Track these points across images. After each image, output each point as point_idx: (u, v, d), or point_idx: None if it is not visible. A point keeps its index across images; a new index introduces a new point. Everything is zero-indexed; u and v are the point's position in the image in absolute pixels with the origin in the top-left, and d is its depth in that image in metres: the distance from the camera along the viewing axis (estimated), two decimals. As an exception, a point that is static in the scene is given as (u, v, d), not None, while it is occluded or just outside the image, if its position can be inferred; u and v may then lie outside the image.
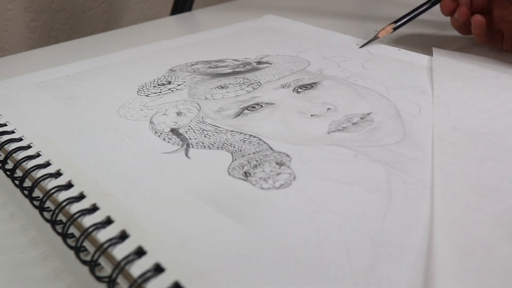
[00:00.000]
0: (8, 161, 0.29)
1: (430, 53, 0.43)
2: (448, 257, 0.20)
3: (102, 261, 0.21)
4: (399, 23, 0.46)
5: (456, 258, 0.20)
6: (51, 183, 0.25)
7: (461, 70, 0.38)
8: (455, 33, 0.45)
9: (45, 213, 0.25)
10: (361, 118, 0.31)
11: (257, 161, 0.27)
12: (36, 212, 0.25)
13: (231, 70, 0.40)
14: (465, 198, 0.24)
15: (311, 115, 0.32)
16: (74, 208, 0.23)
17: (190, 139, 0.30)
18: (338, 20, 0.57)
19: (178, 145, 0.29)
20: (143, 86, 0.38)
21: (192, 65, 0.42)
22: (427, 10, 0.46)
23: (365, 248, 0.21)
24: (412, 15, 0.46)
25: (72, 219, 0.23)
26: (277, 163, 0.27)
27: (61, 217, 0.24)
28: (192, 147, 0.29)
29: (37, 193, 0.26)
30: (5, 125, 0.32)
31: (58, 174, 0.26)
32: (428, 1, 0.46)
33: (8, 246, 0.25)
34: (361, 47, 0.44)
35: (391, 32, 0.46)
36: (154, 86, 0.37)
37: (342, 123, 0.31)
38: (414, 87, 0.36)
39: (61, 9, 0.68)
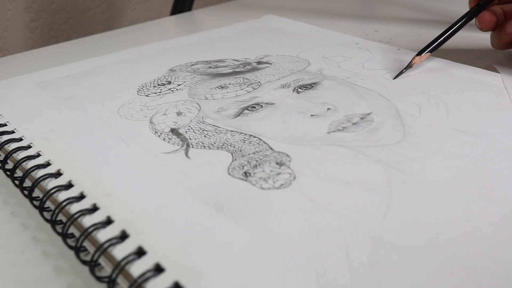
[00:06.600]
0: (8, 161, 0.29)
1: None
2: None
3: (102, 261, 0.21)
4: (432, 46, 0.39)
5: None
6: (51, 183, 0.25)
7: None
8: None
9: (45, 213, 0.25)
10: (361, 118, 0.31)
11: (257, 161, 0.27)
12: (37, 211, 0.25)
13: (231, 70, 0.40)
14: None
15: (311, 115, 0.32)
16: (74, 208, 0.23)
17: (190, 139, 0.30)
18: (338, 20, 0.57)
19: (178, 145, 0.29)
20: (143, 86, 0.38)
21: (192, 65, 0.42)
22: (462, 27, 0.40)
23: (365, 248, 0.21)
24: (446, 35, 0.40)
25: (72, 219, 0.23)
26: (277, 163, 0.27)
27: (61, 217, 0.24)
28: (192, 147, 0.29)
29: (37, 193, 0.26)
30: (5, 125, 0.32)
31: (58, 174, 0.26)
32: (462, 18, 0.40)
33: (8, 246, 0.25)
34: (395, 78, 0.37)
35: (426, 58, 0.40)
36: (154, 86, 0.37)
37: (342, 123, 0.31)
38: (414, 87, 0.36)
39: (61, 9, 0.68)
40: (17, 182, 0.27)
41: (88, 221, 0.23)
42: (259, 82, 0.37)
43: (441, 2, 0.62)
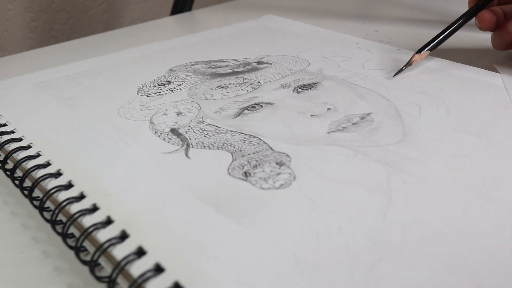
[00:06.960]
0: (8, 161, 0.29)
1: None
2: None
3: (102, 261, 0.21)
4: (432, 44, 0.40)
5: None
6: (51, 183, 0.25)
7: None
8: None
9: (45, 213, 0.25)
10: (361, 118, 0.31)
11: (257, 161, 0.27)
12: (37, 211, 0.25)
13: (231, 70, 0.40)
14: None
15: (311, 115, 0.32)
16: (74, 208, 0.23)
17: (190, 139, 0.30)
18: (338, 20, 0.57)
19: (178, 145, 0.29)
20: (143, 86, 0.38)
21: (192, 65, 0.42)
22: (462, 26, 0.40)
23: (365, 248, 0.21)
24: (446, 33, 0.40)
25: (72, 219, 0.23)
26: (277, 163, 0.27)
27: (61, 217, 0.24)
28: (192, 147, 0.29)
29: (37, 193, 0.26)
30: (5, 125, 0.32)
31: (58, 174, 0.26)
32: (462, 17, 0.40)
33: (8, 246, 0.25)
34: (394, 75, 0.37)
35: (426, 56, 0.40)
36: (154, 86, 0.37)
37: (342, 123, 0.31)
38: (414, 87, 0.36)
39: (61, 9, 0.68)
40: (17, 182, 0.27)
41: (88, 221, 0.23)
42: (259, 82, 0.37)
43: (441, 2, 0.62)
